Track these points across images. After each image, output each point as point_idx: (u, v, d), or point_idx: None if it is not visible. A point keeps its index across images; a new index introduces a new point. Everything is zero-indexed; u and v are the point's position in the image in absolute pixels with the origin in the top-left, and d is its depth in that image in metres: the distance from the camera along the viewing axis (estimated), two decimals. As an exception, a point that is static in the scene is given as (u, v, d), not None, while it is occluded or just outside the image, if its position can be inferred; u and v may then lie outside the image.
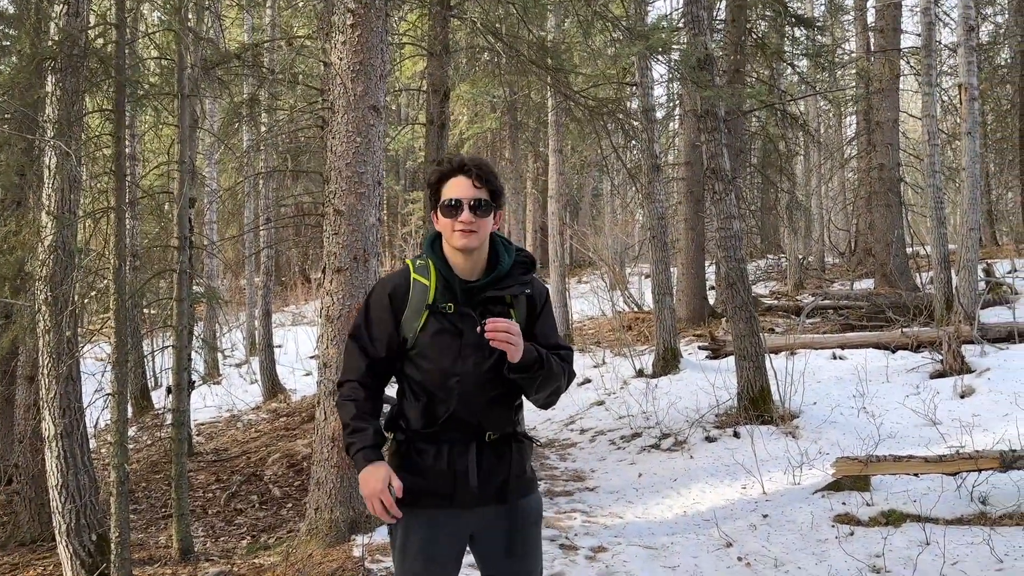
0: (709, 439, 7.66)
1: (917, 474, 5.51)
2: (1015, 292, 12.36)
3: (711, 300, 14.83)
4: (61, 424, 5.49)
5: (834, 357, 9.58)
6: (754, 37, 13.97)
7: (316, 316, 6.01)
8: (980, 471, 5.26)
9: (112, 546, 5.11)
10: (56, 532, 5.54)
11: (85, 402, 5.89)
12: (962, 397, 7.58)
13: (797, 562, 4.76)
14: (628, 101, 15.37)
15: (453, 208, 2.38)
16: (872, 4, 16.83)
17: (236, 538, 6.43)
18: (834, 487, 5.73)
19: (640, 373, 10.62)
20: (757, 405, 7.82)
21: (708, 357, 10.83)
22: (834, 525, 5.21)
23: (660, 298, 10.74)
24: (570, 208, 25.61)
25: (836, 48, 19.21)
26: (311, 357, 15.00)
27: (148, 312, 14.26)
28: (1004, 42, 19.30)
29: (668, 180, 15.72)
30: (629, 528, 5.64)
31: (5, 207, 7.09)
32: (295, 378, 13.75)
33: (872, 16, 16.28)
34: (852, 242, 20.60)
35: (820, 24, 16.22)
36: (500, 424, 2.44)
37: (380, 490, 2.31)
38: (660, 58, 9.28)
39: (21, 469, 6.69)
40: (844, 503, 5.47)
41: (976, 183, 10.71)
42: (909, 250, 15.78)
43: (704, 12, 8.39)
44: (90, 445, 6.06)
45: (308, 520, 5.30)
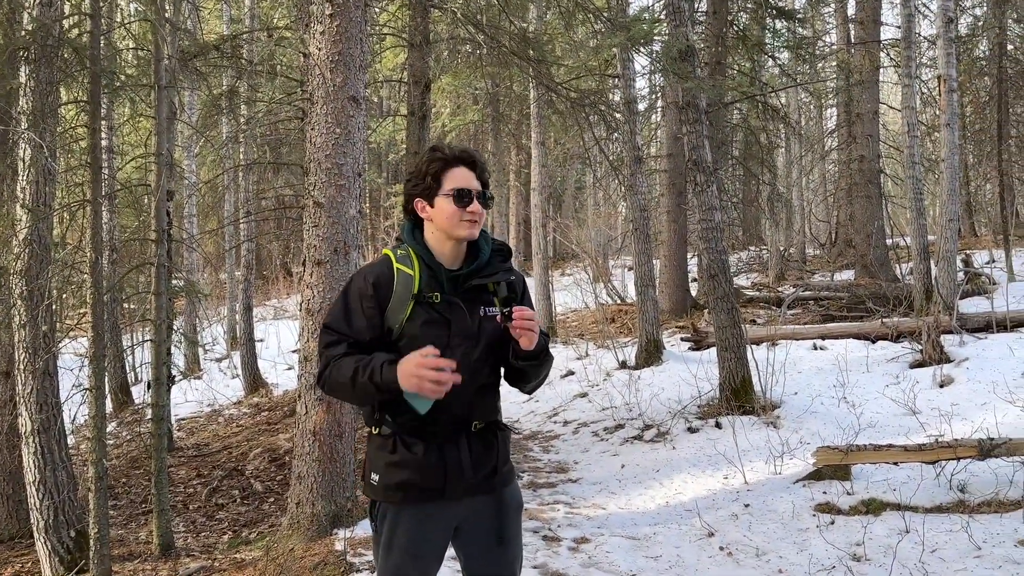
0: (691, 430, 7.69)
1: (897, 463, 5.55)
2: (993, 282, 12.48)
3: (693, 292, 14.89)
4: (38, 420, 5.43)
5: (815, 348, 9.64)
6: (735, 29, 13.99)
7: (298, 310, 5.97)
8: (959, 459, 5.31)
9: (91, 542, 5.06)
10: (34, 529, 5.49)
11: (63, 397, 5.83)
12: (941, 386, 7.64)
13: (778, 551, 4.78)
14: (610, 93, 15.39)
15: (464, 198, 2.37)
16: (852, -4, 16.89)
17: (217, 533, 6.38)
18: (815, 476, 5.76)
19: (623, 365, 10.64)
20: (739, 396, 7.85)
21: (691, 348, 10.87)
22: (815, 514, 5.24)
23: (643, 290, 10.76)
24: (553, 201, 25.59)
25: (817, 40, 19.31)
26: (293, 351, 14.92)
27: (128, 307, 14.13)
28: (982, 34, 19.42)
29: (650, 172, 15.73)
30: (612, 519, 5.65)
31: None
32: (277, 372, 13.68)
33: (852, 8, 16.34)
34: (833, 233, 20.74)
35: (801, 16, 16.30)
36: (487, 413, 2.44)
37: (417, 363, 2.17)
38: (642, 50, 9.25)
39: (-2, 465, 6.61)
40: (825, 492, 5.51)
41: (955, 174, 10.79)
42: (889, 241, 15.91)
43: (685, 4, 8.40)
44: (68, 441, 6.00)
45: (289, 514, 5.27)
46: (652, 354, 10.43)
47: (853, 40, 15.80)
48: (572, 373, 10.95)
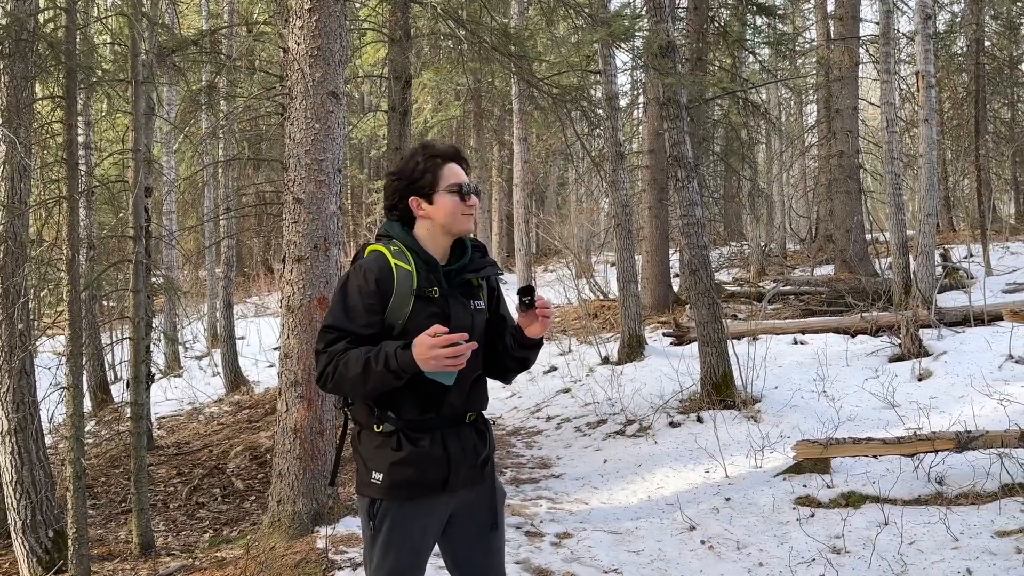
0: (673, 424, 7.72)
1: (876, 456, 5.60)
2: (971, 277, 12.60)
3: (675, 287, 14.94)
4: (15, 419, 5.37)
5: (795, 342, 9.69)
6: (716, 25, 14.03)
7: (278, 307, 5.94)
8: (937, 452, 5.35)
9: (69, 542, 5.02)
10: (11, 529, 5.43)
11: (40, 396, 5.76)
12: (920, 380, 7.71)
13: (759, 544, 4.81)
14: (592, 89, 15.38)
15: (464, 192, 2.45)
16: (832, -8, 16.99)
17: (198, 532, 6.34)
18: (795, 470, 5.80)
19: (606, 360, 10.66)
20: (720, 390, 7.89)
21: (673, 343, 10.91)
22: (795, 507, 5.27)
23: (625, 286, 10.79)
24: (536, 197, 25.60)
25: (797, 36, 19.39)
26: (274, 348, 14.84)
27: (106, 304, 14.00)
28: (960, 31, 19.61)
29: (632, 168, 15.77)
30: (594, 514, 5.67)
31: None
32: (258, 370, 13.60)
33: (832, 4, 16.44)
34: (813, 229, 20.86)
35: (781, 12, 16.36)
36: (480, 403, 2.52)
37: (430, 343, 2.20)
38: (623, 45, 9.27)
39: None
40: (805, 485, 5.54)
41: (933, 170, 10.88)
42: (868, 236, 16.02)
43: (666, 0, 8.40)
44: (46, 440, 5.94)
45: (271, 512, 5.24)
46: (634, 349, 10.46)
47: (832, 36, 15.90)
48: (555, 369, 10.96)
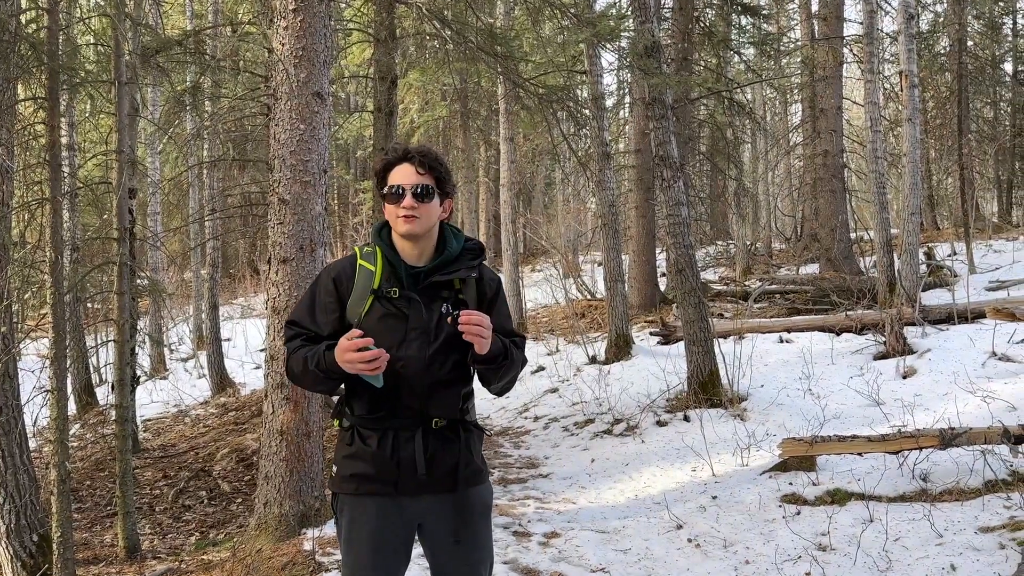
0: (660, 423, 7.74)
1: (861, 453, 5.64)
2: (955, 275, 12.70)
3: (662, 286, 14.98)
4: (-2, 422, 5.31)
5: (781, 341, 9.74)
6: (701, 25, 14.07)
7: (265, 308, 5.92)
8: (921, 449, 5.40)
9: (54, 546, 4.99)
10: (-6, 534, 5.38)
11: (24, 399, 5.71)
12: (904, 378, 7.77)
13: (746, 542, 4.83)
14: (578, 89, 15.41)
15: (396, 195, 2.42)
16: (816, -8, 17.06)
17: (184, 535, 6.31)
18: (781, 468, 5.83)
19: (593, 360, 10.68)
20: (706, 389, 7.92)
21: (660, 343, 10.94)
22: (781, 505, 5.30)
23: (612, 285, 10.81)
24: (523, 196, 25.60)
25: (781, 36, 19.49)
26: (260, 350, 14.78)
27: (91, 306, 13.91)
28: (943, 31, 19.76)
29: (619, 168, 15.79)
30: (582, 513, 5.68)
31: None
32: (244, 372, 13.54)
33: (816, 4, 16.52)
34: (798, 228, 20.97)
35: (766, 12, 16.46)
36: (445, 409, 2.44)
37: (344, 347, 2.27)
38: (608, 46, 9.28)
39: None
40: (791, 483, 5.57)
41: (917, 169, 10.96)
42: (853, 235, 16.11)
43: (651, 0, 8.42)
44: (30, 444, 5.89)
45: (257, 515, 5.22)
46: (621, 349, 10.47)
47: (817, 36, 15.97)
48: (542, 369, 10.97)
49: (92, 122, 12.63)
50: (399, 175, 2.43)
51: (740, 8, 14.17)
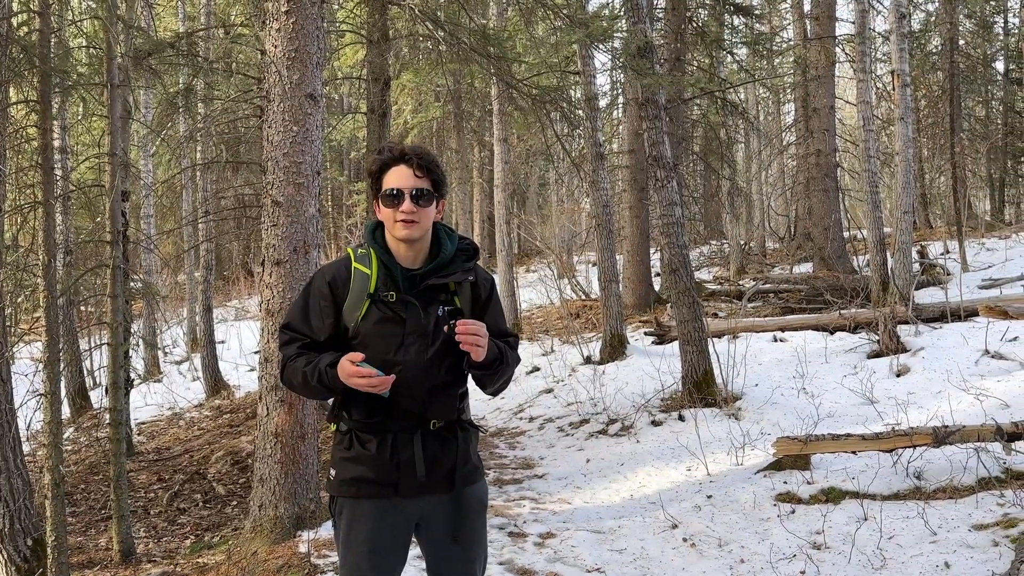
0: (655, 423, 7.75)
1: (855, 452, 5.65)
2: (948, 273, 12.74)
3: (657, 286, 14.99)
4: (-9, 427, 5.30)
5: (775, 340, 9.76)
6: (694, 25, 14.10)
7: (259, 310, 5.92)
8: (915, 447, 5.41)
9: (48, 550, 4.97)
10: (-11, 538, 5.36)
11: (17, 403, 5.70)
12: (898, 376, 7.79)
13: (740, 541, 4.85)
14: (571, 89, 15.43)
15: (394, 198, 2.37)
16: (808, -8, 17.10)
17: (179, 538, 6.30)
18: (776, 467, 5.84)
19: (588, 360, 10.68)
20: (701, 388, 7.93)
21: (654, 342, 10.95)
22: (776, 504, 5.31)
23: (606, 285, 10.81)
24: (517, 197, 25.60)
25: (774, 36, 19.53)
26: (254, 352, 14.74)
27: (84, 309, 13.86)
28: (934, 30, 19.82)
29: (612, 168, 15.81)
30: (577, 513, 5.68)
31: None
32: (239, 374, 13.52)
33: (808, 4, 16.56)
34: (791, 227, 21.01)
35: (758, 12, 16.50)
36: (443, 412, 2.44)
37: (348, 372, 2.27)
38: (601, 46, 9.29)
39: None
40: (785, 482, 5.58)
41: (909, 167, 10.99)
42: (846, 234, 16.16)
43: (644, 0, 8.44)
44: (24, 448, 5.88)
45: (252, 517, 5.22)
46: (616, 349, 10.48)
47: (809, 36, 16.00)
48: (537, 369, 10.97)
49: (85, 125, 12.58)
50: (395, 177, 2.39)
51: (733, 8, 14.20)
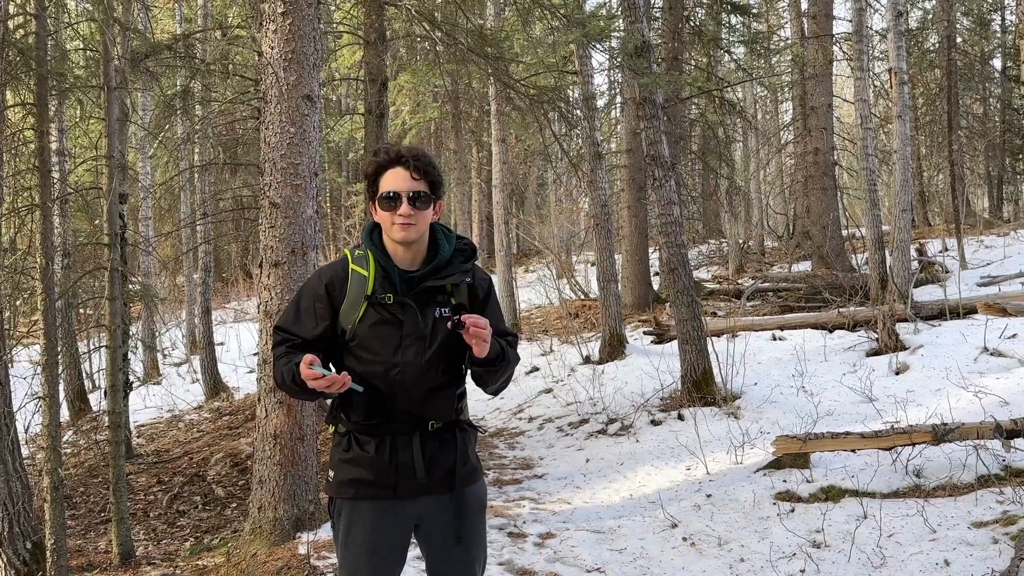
0: (654, 422, 7.75)
1: (854, 450, 5.65)
2: (946, 271, 12.75)
3: (655, 286, 14.99)
4: (-11, 430, 5.30)
5: (774, 338, 9.75)
6: (691, 24, 14.10)
7: (257, 312, 5.92)
8: (914, 445, 5.41)
9: (48, 553, 4.97)
10: (-12, 542, 5.36)
11: (16, 406, 5.70)
12: (897, 374, 7.79)
13: (740, 540, 4.84)
14: (569, 89, 15.42)
15: (392, 200, 2.36)
16: (805, -9, 17.11)
17: (179, 540, 6.30)
18: (775, 465, 5.84)
19: (587, 360, 10.68)
20: (700, 387, 7.93)
21: (653, 342, 10.94)
22: (775, 502, 5.31)
23: (605, 285, 10.81)
24: (515, 197, 25.59)
25: (771, 35, 19.53)
26: (253, 354, 14.73)
27: (83, 312, 13.84)
28: (932, 27, 19.84)
29: (610, 168, 15.80)
30: (577, 513, 5.68)
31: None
32: (238, 376, 13.52)
33: (805, 3, 16.57)
34: (790, 225, 21.01)
35: (756, 11, 16.49)
36: (442, 413, 2.44)
37: (304, 374, 2.24)
38: (598, 46, 9.31)
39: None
40: (785, 481, 5.58)
41: (907, 165, 11.00)
42: (845, 232, 16.15)
43: (641, 0, 8.43)
44: (23, 451, 5.87)
45: (251, 519, 5.21)
46: (615, 348, 10.48)
47: (806, 34, 16.01)
48: (537, 369, 10.97)
49: (82, 127, 12.55)
50: (393, 180, 2.37)
51: (730, 7, 14.18)
